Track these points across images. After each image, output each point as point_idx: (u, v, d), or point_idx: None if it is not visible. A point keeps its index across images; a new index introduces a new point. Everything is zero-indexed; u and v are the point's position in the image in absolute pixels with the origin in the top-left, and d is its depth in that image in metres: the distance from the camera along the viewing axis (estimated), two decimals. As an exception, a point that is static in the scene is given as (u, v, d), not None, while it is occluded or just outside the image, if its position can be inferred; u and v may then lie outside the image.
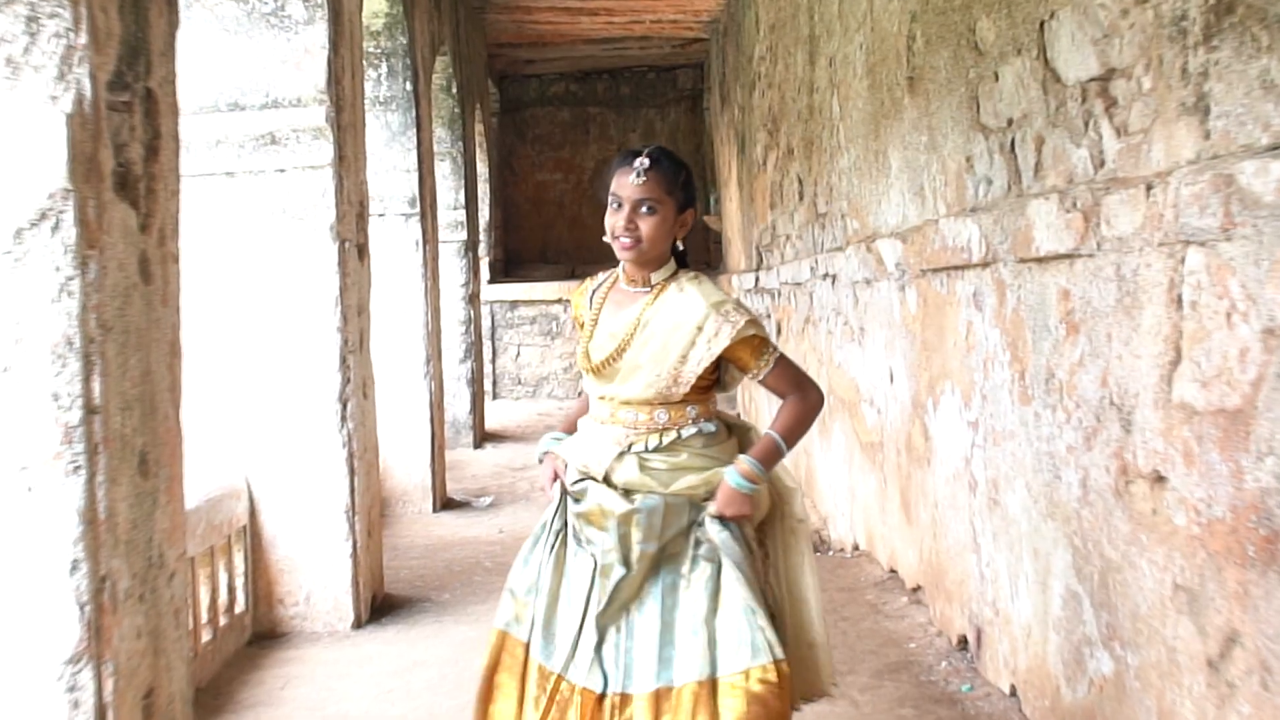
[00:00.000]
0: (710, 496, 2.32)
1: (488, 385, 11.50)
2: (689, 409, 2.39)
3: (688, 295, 2.40)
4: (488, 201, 12.71)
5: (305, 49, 4.21)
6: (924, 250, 3.91)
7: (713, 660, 2.22)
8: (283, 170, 4.26)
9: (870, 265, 4.75)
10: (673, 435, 2.37)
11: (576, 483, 2.41)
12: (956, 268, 3.61)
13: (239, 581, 4.21)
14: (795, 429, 2.43)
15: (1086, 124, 2.73)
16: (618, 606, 2.32)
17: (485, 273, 12.30)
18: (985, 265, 3.34)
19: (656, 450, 2.36)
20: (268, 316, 4.29)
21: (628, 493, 2.33)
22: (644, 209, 2.35)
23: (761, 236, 8.81)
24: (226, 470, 4.23)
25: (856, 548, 5.37)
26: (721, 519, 2.30)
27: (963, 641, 3.76)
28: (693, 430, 2.38)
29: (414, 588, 5.07)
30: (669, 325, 2.35)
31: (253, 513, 4.30)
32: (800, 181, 6.85)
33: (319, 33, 4.21)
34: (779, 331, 7.78)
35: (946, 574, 3.90)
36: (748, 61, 9.34)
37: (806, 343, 6.62)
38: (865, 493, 5.14)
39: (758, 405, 9.24)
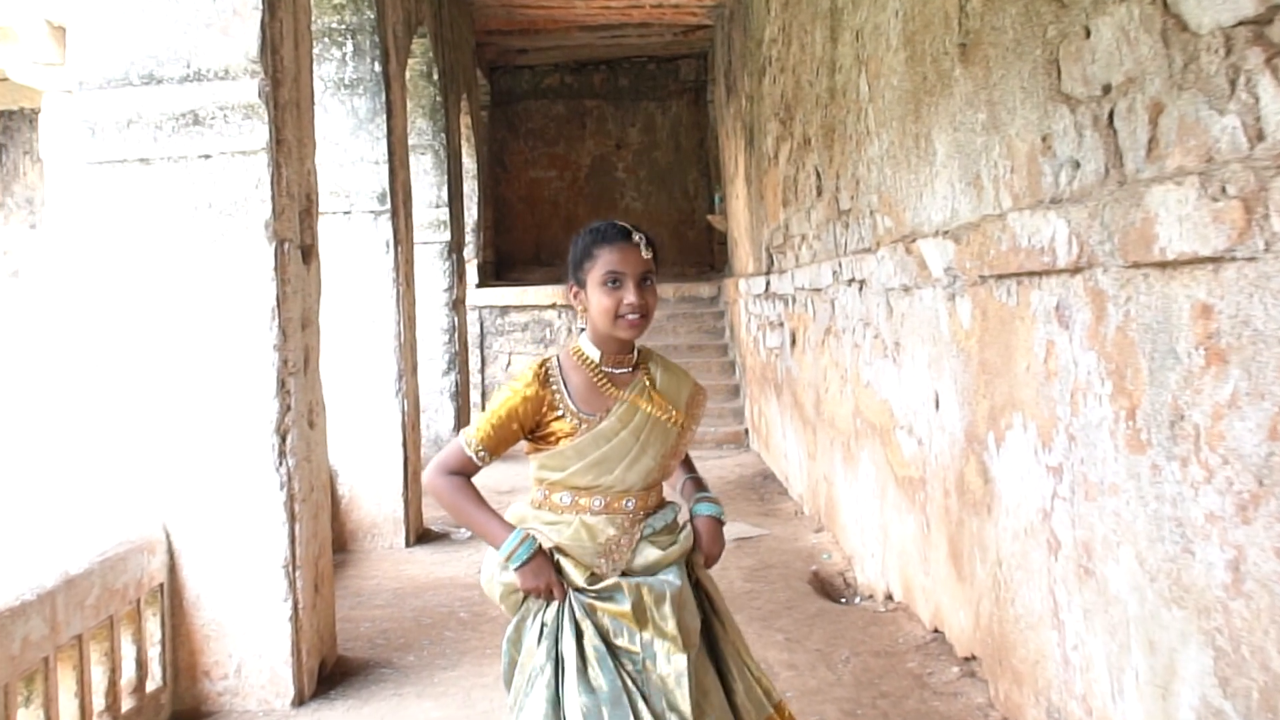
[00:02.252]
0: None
1: (476, 397, 10.83)
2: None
3: (668, 370, 2.39)
4: (476, 200, 12.05)
5: (234, 9, 3.54)
6: (985, 252, 3.24)
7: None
8: (208, 156, 3.60)
9: (910, 270, 4.09)
10: (667, 512, 2.34)
11: (596, 585, 2.20)
12: (1032, 273, 2.94)
13: (153, 652, 3.55)
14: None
15: (1233, 84, 2.06)
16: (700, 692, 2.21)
17: (473, 276, 11.63)
18: (1075, 271, 2.67)
19: (662, 530, 2.30)
20: (191, 333, 3.62)
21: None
22: (647, 282, 2.26)
23: (773, 237, 8.15)
24: (138, 518, 3.56)
25: (890, 597, 4.70)
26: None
27: (1036, 735, 3.09)
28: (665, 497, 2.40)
29: (374, 647, 4.40)
30: (667, 406, 2.32)
31: (172, 568, 3.63)
32: (819, 175, 6.18)
33: (250, -10, 3.54)
34: (794, 343, 7.11)
35: (1014, 649, 3.22)
36: (757, 46, 8.68)
37: (827, 357, 5.95)
38: (901, 535, 4.47)
39: (768, 423, 8.58)
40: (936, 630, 4.09)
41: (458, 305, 9.09)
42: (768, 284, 8.13)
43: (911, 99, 4.15)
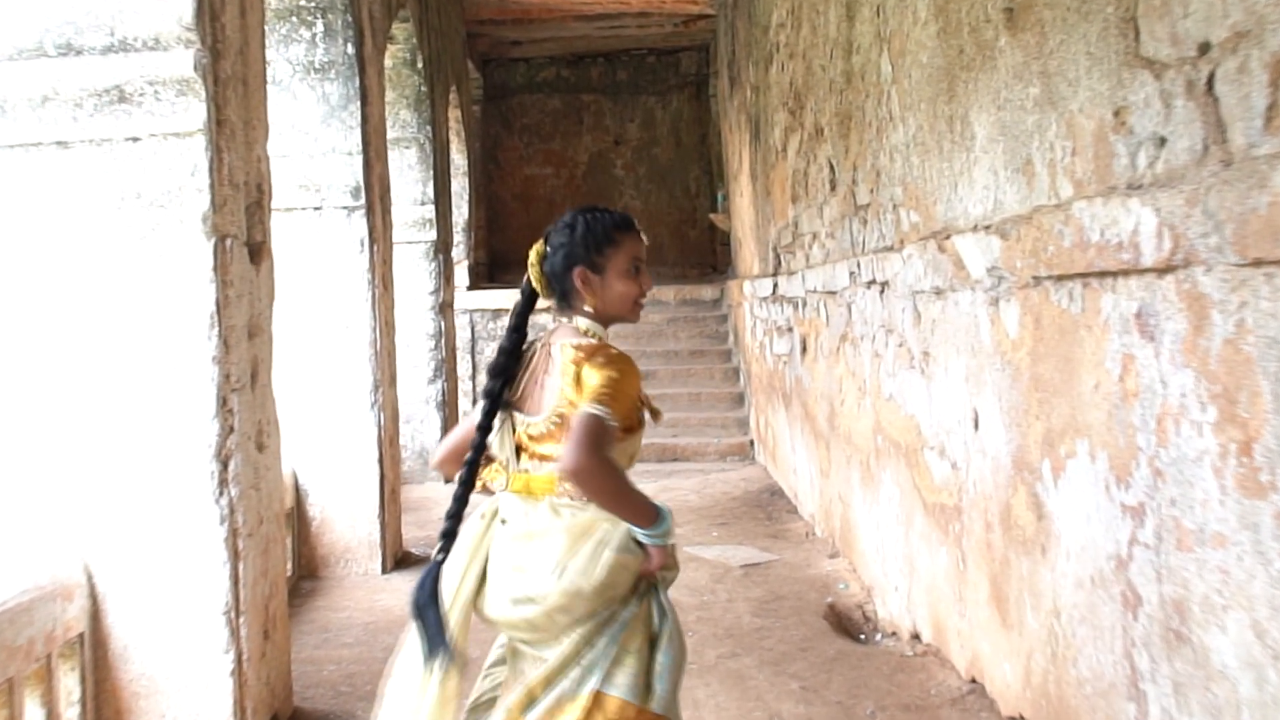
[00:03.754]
0: None
1: (466, 405, 10.37)
2: None
3: None
4: (467, 198, 11.60)
5: (165, -32, 3.09)
6: (1040, 249, 2.79)
7: None
8: (136, 139, 3.14)
9: (943, 270, 3.63)
10: None
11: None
12: (1104, 274, 2.49)
13: (71, 713, 3.09)
14: None
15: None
16: None
17: (464, 278, 11.18)
18: (1165, 270, 2.21)
19: None
20: (119, 343, 3.17)
21: None
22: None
23: (780, 236, 7.70)
24: (53, 558, 3.11)
25: (917, 637, 4.24)
26: None
27: (1105, 822, 2.64)
28: None
29: (337, 695, 3.94)
30: None
31: (95, 614, 3.17)
32: (832, 167, 5.73)
33: (185, -55, 3.09)
34: (804, 350, 6.66)
35: (1076, 717, 2.77)
36: (763, 33, 8.24)
37: (842, 366, 5.49)
38: (931, 568, 4.01)
39: (775, 435, 8.13)
40: (974, 681, 3.64)
41: (445, 309, 8.63)
42: (775, 286, 7.68)
43: (944, 77, 3.70)
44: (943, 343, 3.79)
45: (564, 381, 2.13)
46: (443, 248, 8.59)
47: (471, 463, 2.20)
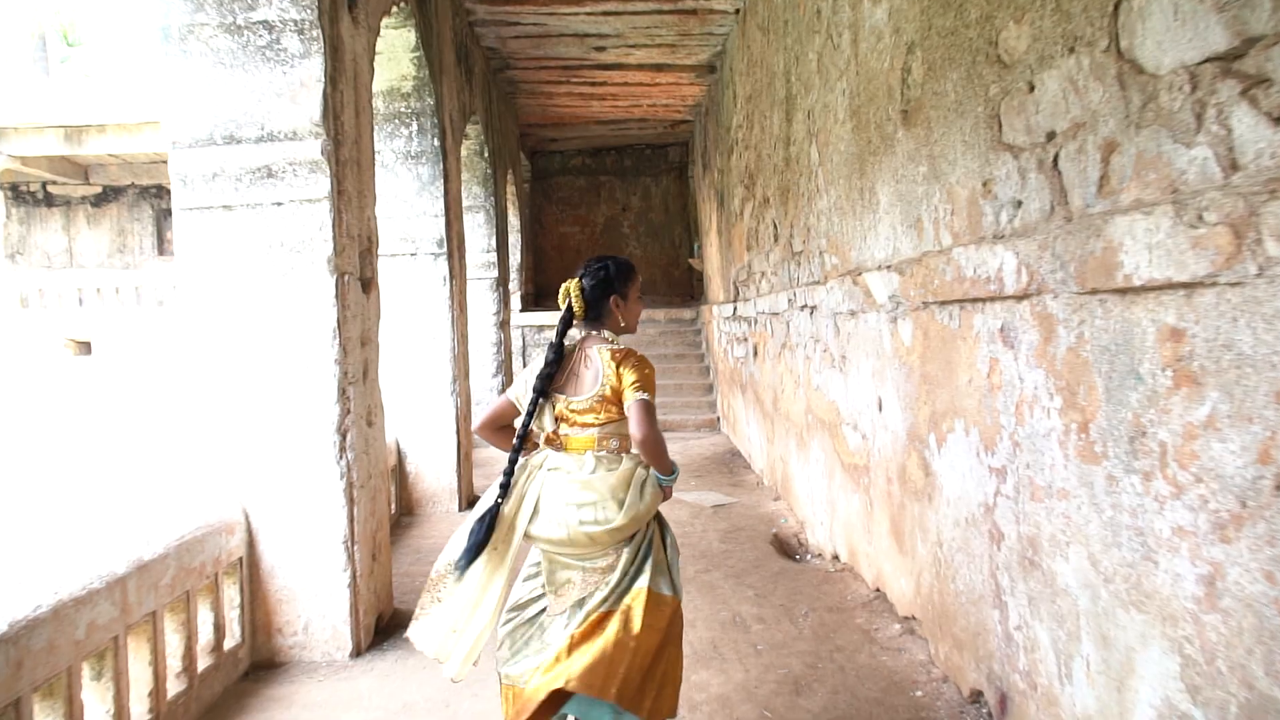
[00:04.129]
0: None
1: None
2: None
3: None
4: (519, 248, 11.47)
5: (301, 82, 2.97)
6: (928, 282, 2.68)
7: None
8: (279, 204, 3.03)
9: (856, 298, 3.52)
10: None
11: None
12: (976, 300, 2.37)
13: (233, 615, 2.97)
14: None
15: (1200, 118, 1.50)
16: None
17: (518, 304, 11.04)
18: (1023, 297, 2.10)
19: None
20: (268, 348, 3.05)
21: None
22: None
23: (738, 274, 7.57)
24: (221, 503, 2.99)
25: (836, 558, 4.12)
26: None
27: (975, 695, 2.52)
28: None
29: (425, 600, 3.82)
30: None
31: (251, 544, 3.06)
32: (776, 226, 5.61)
33: (314, 66, 2.97)
34: (756, 354, 6.53)
35: (954, 620, 2.65)
36: (726, 132, 8.11)
37: (783, 365, 5.37)
38: (848, 510, 3.89)
39: (735, 414, 8.00)
40: (878, 590, 3.52)
41: (504, 325, 8.50)
42: (735, 309, 7.56)
43: (857, 160, 3.58)
44: (856, 349, 3.67)
45: (607, 373, 2.08)
46: (502, 282, 8.45)
47: (521, 435, 2.11)
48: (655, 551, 2.08)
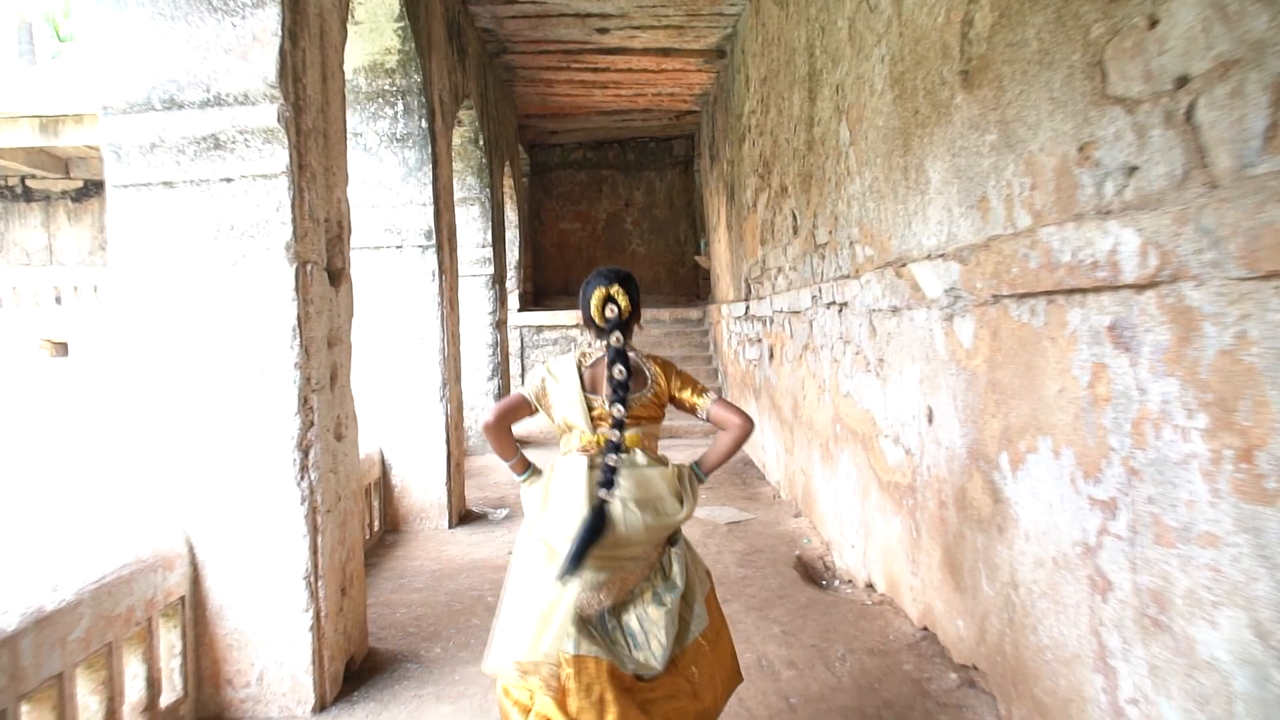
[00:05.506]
0: None
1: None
2: None
3: None
4: (518, 245, 11.04)
5: (254, 35, 2.55)
6: (1001, 271, 2.25)
7: None
8: (229, 180, 2.61)
9: (900, 292, 3.09)
10: None
11: None
12: (1072, 291, 1.95)
13: (174, 664, 2.55)
14: None
15: None
16: None
17: (515, 303, 10.62)
18: (1146, 287, 1.68)
19: None
20: (217, 350, 2.63)
21: None
22: None
23: (751, 270, 7.15)
24: (159, 534, 2.57)
25: (872, 586, 3.69)
26: None
27: (1065, 773, 2.09)
28: None
29: (405, 636, 3.39)
30: None
31: (196, 579, 2.63)
32: (795, 216, 5.19)
33: (269, 17, 2.55)
34: (771, 356, 6.11)
35: (1035, 679, 2.22)
36: (736, 120, 7.69)
37: (805, 369, 4.95)
38: (886, 534, 3.47)
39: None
40: (925, 629, 3.09)
41: (500, 325, 8.09)
42: (747, 308, 7.13)
43: (899, 135, 3.16)
44: (898, 351, 3.25)
45: (656, 382, 2.12)
46: (498, 279, 8.04)
47: (617, 444, 2.05)
48: (694, 572, 2.11)
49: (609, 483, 1.94)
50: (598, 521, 1.92)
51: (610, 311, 2.05)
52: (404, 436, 5.06)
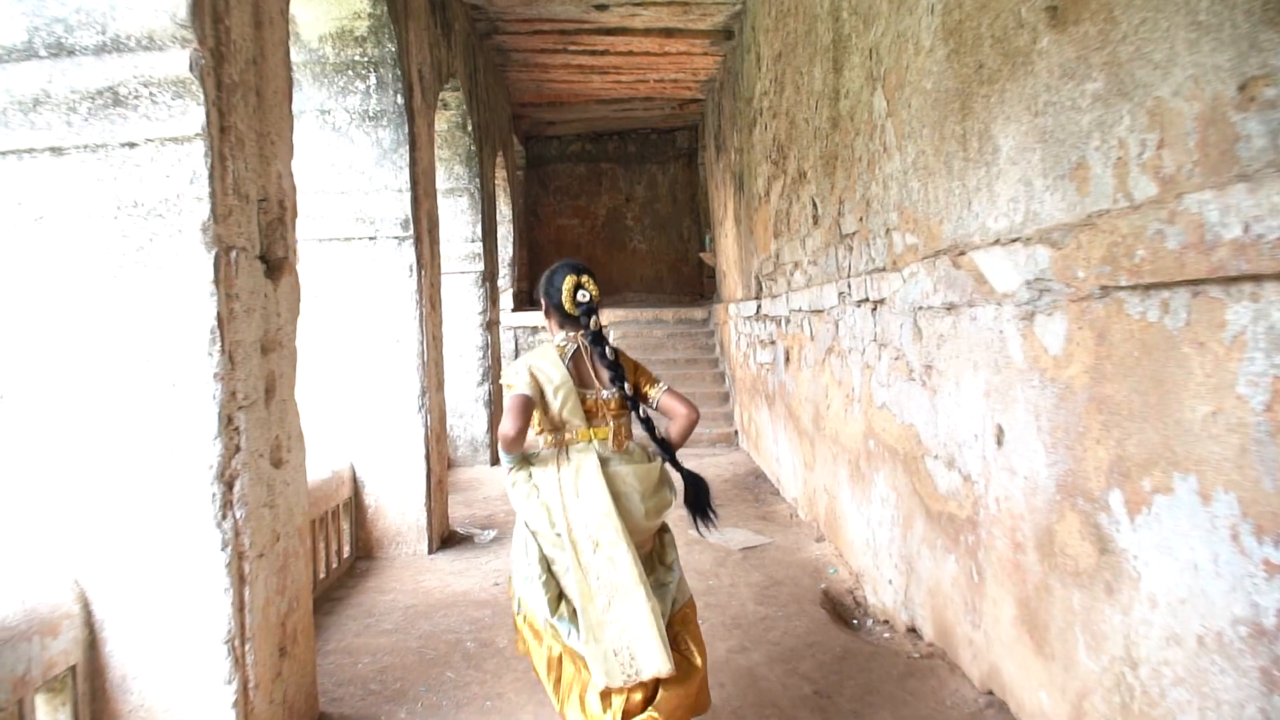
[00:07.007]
0: None
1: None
2: None
3: None
4: (512, 241, 10.55)
5: (159, -38, 2.06)
6: (1119, 256, 1.75)
7: None
8: (132, 144, 2.11)
9: (958, 286, 2.60)
10: None
11: None
12: (1236, 280, 1.45)
13: (58, 754, 2.04)
14: None
15: None
16: None
17: (508, 302, 10.13)
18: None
19: None
20: (117, 359, 2.13)
21: None
22: None
23: (762, 266, 6.65)
24: (42, 591, 2.07)
25: (914, 631, 3.19)
26: None
27: None
28: None
29: (367, 695, 2.89)
30: None
31: (92, 643, 2.13)
32: (815, 204, 4.69)
33: (180, -61, 2.05)
34: (787, 360, 5.60)
35: (1165, 788, 1.72)
36: (746, 104, 7.20)
37: (828, 374, 4.45)
38: (936, 574, 2.96)
39: (759, 428, 7.08)
40: (991, 693, 2.59)
41: (491, 326, 7.59)
42: (759, 307, 6.63)
43: (956, 98, 2.66)
44: (952, 357, 2.75)
45: (628, 369, 2.24)
46: (489, 277, 7.55)
47: (657, 436, 2.23)
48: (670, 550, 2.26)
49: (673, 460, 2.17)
50: (699, 479, 2.20)
51: (583, 296, 2.14)
52: (379, 451, 4.57)
